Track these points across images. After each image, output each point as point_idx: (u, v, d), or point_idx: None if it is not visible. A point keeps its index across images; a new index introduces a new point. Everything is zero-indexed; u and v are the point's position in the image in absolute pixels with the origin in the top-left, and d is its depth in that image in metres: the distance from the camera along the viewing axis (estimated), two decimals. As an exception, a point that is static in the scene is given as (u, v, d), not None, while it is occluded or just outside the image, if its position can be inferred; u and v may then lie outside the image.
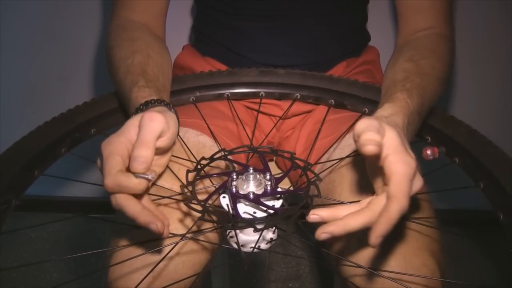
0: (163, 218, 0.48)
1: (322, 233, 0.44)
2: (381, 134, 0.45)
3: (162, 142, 0.53)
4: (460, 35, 0.75)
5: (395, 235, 0.55)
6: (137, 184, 0.48)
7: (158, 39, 0.74)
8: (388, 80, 0.64)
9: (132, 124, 0.52)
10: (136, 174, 0.48)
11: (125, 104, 0.64)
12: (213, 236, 0.60)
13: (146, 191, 0.51)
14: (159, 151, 0.55)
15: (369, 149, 0.43)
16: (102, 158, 0.50)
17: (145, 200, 0.51)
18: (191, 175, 0.53)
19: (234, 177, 0.52)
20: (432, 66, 0.64)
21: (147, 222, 0.46)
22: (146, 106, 0.56)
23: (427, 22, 0.72)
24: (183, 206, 0.58)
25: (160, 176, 0.61)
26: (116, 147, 0.50)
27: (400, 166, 0.44)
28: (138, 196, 0.50)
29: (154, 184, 0.60)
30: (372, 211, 0.45)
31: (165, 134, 0.53)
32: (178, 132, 0.58)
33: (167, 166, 0.62)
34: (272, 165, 0.83)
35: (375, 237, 0.42)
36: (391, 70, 0.67)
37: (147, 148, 0.49)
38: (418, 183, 0.47)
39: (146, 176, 0.48)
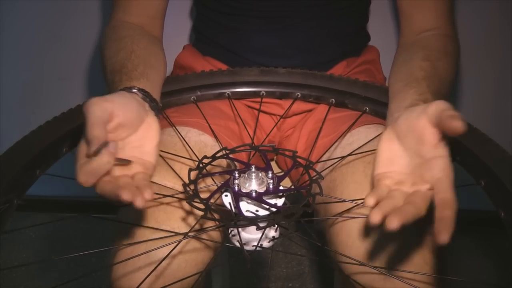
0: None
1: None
2: None
3: (117, 119, 0.51)
4: (460, 34, 0.75)
5: (397, 233, 0.55)
6: (100, 160, 0.47)
7: (149, 37, 0.74)
8: (405, 75, 0.64)
9: None
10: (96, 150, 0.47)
11: None
12: (215, 235, 0.61)
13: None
14: (124, 130, 0.53)
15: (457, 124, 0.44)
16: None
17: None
18: (193, 174, 0.53)
19: (236, 175, 0.52)
20: (445, 69, 0.65)
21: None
22: None
23: (431, 22, 0.72)
24: (185, 205, 0.58)
25: (162, 175, 0.61)
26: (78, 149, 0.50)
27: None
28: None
29: (156, 183, 0.60)
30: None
31: (113, 112, 0.51)
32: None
33: (169, 165, 0.62)
34: (273, 164, 0.83)
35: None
36: (405, 66, 0.66)
37: (94, 129, 0.48)
38: None
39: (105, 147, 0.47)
